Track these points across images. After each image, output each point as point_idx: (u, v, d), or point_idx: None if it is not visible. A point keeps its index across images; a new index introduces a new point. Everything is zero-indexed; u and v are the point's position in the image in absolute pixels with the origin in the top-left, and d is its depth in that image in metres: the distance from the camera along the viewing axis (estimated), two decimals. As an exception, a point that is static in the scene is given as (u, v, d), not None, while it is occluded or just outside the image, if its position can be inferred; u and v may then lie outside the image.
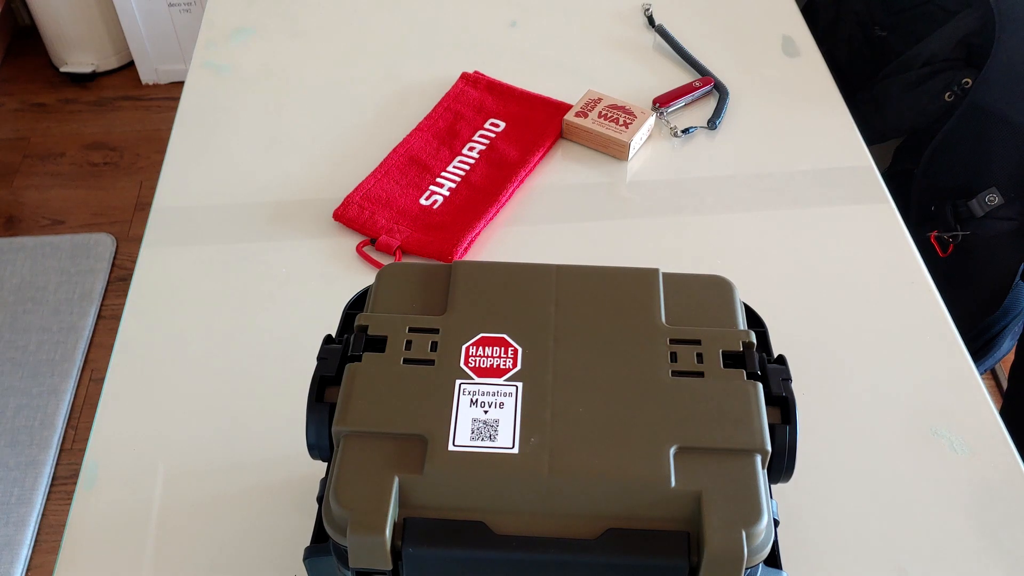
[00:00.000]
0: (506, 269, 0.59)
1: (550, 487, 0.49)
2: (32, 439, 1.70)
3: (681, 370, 0.54)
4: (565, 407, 0.51)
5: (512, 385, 0.52)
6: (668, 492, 0.48)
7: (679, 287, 0.59)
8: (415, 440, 0.50)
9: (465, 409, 0.51)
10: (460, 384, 0.52)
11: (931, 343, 0.81)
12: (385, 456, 0.49)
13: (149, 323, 0.83)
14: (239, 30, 1.13)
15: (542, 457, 0.49)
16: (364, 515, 0.47)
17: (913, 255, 0.88)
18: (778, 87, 1.05)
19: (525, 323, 0.56)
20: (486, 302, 0.57)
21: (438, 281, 0.58)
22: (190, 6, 2.26)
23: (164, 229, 0.91)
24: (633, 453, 0.50)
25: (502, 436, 0.50)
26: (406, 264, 0.61)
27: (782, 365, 0.56)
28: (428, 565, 0.49)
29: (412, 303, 0.57)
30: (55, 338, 1.86)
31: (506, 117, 1.00)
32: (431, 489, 0.49)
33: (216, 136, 1.00)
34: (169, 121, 1.03)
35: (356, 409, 0.51)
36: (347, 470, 0.49)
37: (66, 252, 2.02)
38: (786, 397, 0.53)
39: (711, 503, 0.48)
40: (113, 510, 0.70)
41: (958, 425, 0.75)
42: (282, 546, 0.68)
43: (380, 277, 0.59)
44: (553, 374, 0.53)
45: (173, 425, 0.75)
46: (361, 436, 0.50)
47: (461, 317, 0.56)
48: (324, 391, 0.54)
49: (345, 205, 0.90)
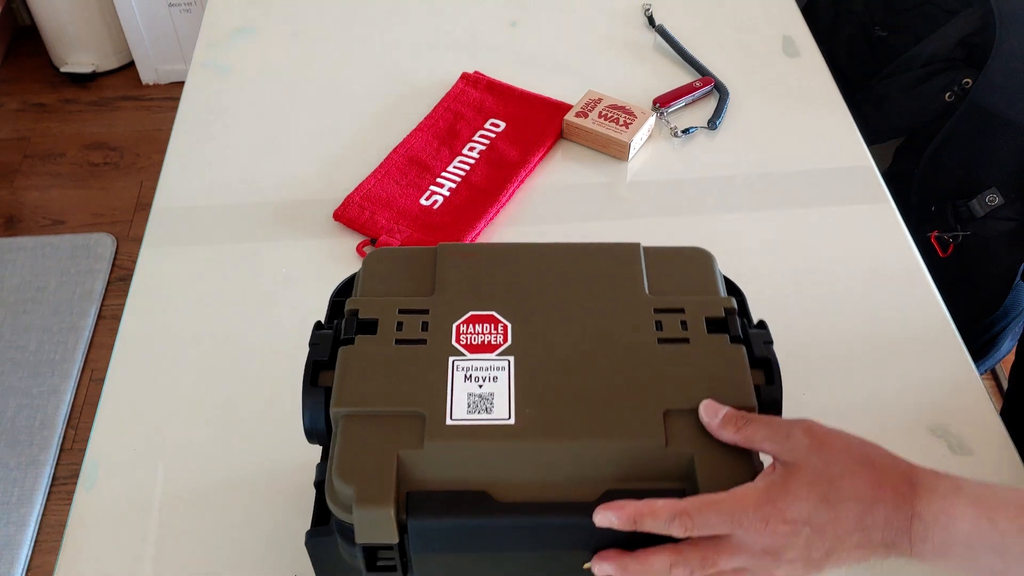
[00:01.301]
0: (490, 249, 0.61)
1: (548, 454, 0.50)
2: (32, 439, 1.70)
3: (667, 337, 0.55)
4: (557, 378, 0.53)
5: (504, 359, 0.54)
6: (662, 453, 0.50)
7: (660, 259, 0.60)
8: (413, 417, 0.51)
9: (460, 384, 0.52)
10: (453, 361, 0.53)
11: (931, 343, 0.81)
12: (385, 433, 0.50)
13: (149, 323, 0.82)
14: (239, 30, 1.13)
15: (538, 426, 0.51)
16: (369, 489, 0.48)
17: (913, 255, 0.88)
18: (778, 87, 1.05)
19: (513, 300, 0.57)
20: (473, 282, 0.58)
21: (424, 264, 0.60)
22: (190, 6, 2.26)
23: (164, 229, 0.91)
24: (626, 418, 0.51)
25: (498, 408, 0.51)
26: (392, 249, 0.62)
27: (763, 329, 0.57)
28: (433, 536, 0.50)
29: (400, 286, 0.58)
30: (55, 338, 1.86)
31: (506, 117, 1.00)
32: (432, 463, 0.50)
33: (216, 136, 1.00)
34: (169, 121, 1.03)
35: (353, 390, 0.52)
36: (348, 448, 0.50)
37: (66, 252, 2.02)
38: (769, 359, 0.55)
39: (704, 461, 0.50)
40: (113, 510, 0.70)
41: (958, 425, 0.75)
42: (282, 546, 0.68)
43: (367, 263, 0.60)
44: (543, 347, 0.55)
45: (173, 425, 0.75)
46: (359, 416, 0.51)
47: (449, 297, 0.57)
48: (318, 375, 0.54)
49: (345, 205, 0.90)
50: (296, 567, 0.67)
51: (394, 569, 0.51)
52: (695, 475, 0.49)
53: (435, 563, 0.52)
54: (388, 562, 0.51)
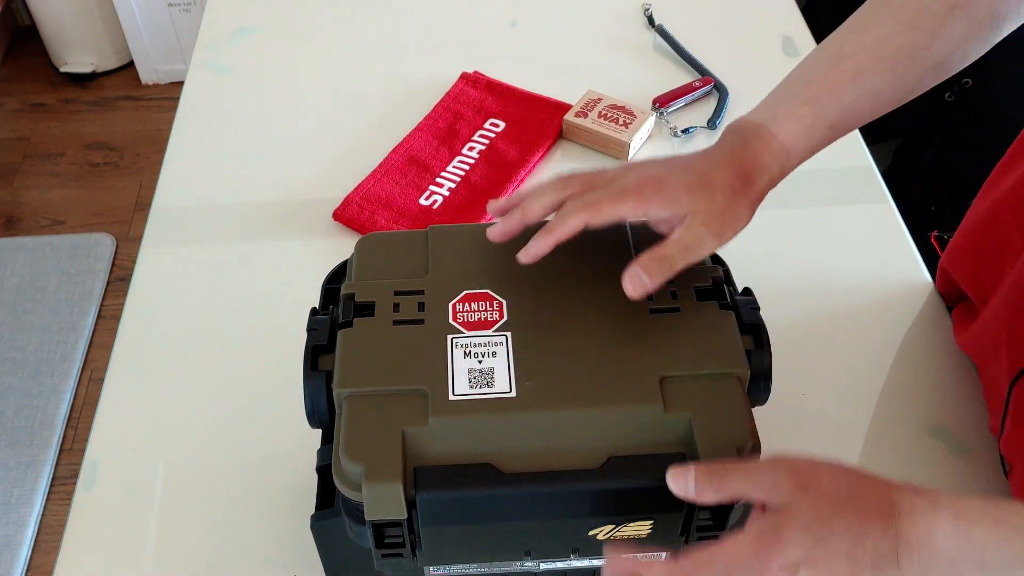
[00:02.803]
0: (480, 229, 0.61)
1: (549, 424, 0.51)
2: (32, 439, 1.71)
3: (658, 307, 0.57)
4: (554, 350, 0.54)
5: (502, 335, 0.55)
6: (661, 418, 0.51)
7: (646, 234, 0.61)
8: (415, 395, 0.52)
9: (460, 361, 0.53)
10: (452, 339, 0.55)
11: (931, 343, 0.81)
12: (389, 411, 0.51)
13: (149, 323, 0.83)
14: (239, 30, 1.13)
15: (539, 397, 0.52)
16: (377, 466, 0.49)
17: (913, 255, 0.88)
18: (778, 87, 1.05)
19: (505, 277, 0.58)
20: (465, 261, 0.59)
21: (416, 247, 0.61)
22: (190, 6, 2.26)
23: (164, 229, 0.91)
24: (624, 385, 0.53)
25: (499, 382, 0.53)
26: (383, 233, 0.63)
27: (749, 296, 0.59)
28: (441, 509, 0.51)
29: (393, 269, 0.59)
30: (55, 338, 1.86)
31: (506, 117, 1.00)
32: (437, 438, 0.51)
33: (216, 136, 1.00)
34: (169, 121, 1.03)
35: (355, 371, 0.53)
36: (354, 428, 0.51)
37: (66, 252, 2.02)
38: (758, 324, 0.57)
39: (701, 424, 0.51)
40: (113, 510, 0.70)
41: (957, 426, 0.75)
42: (281, 545, 0.68)
43: (359, 247, 0.61)
44: (538, 322, 0.56)
45: (173, 425, 0.75)
46: (363, 396, 0.52)
47: (443, 277, 0.58)
48: (318, 359, 0.55)
49: (345, 205, 0.90)
50: (296, 567, 0.67)
51: (402, 545, 0.51)
52: (694, 438, 0.51)
53: (443, 537, 0.53)
54: (396, 539, 0.51)
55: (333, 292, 0.60)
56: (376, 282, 0.58)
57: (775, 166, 0.59)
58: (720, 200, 0.56)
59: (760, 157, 0.58)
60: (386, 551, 0.52)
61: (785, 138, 0.58)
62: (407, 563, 0.53)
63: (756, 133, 0.59)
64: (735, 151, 0.58)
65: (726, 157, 0.58)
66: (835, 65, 0.59)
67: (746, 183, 0.57)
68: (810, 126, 0.59)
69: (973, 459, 0.73)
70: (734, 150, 0.58)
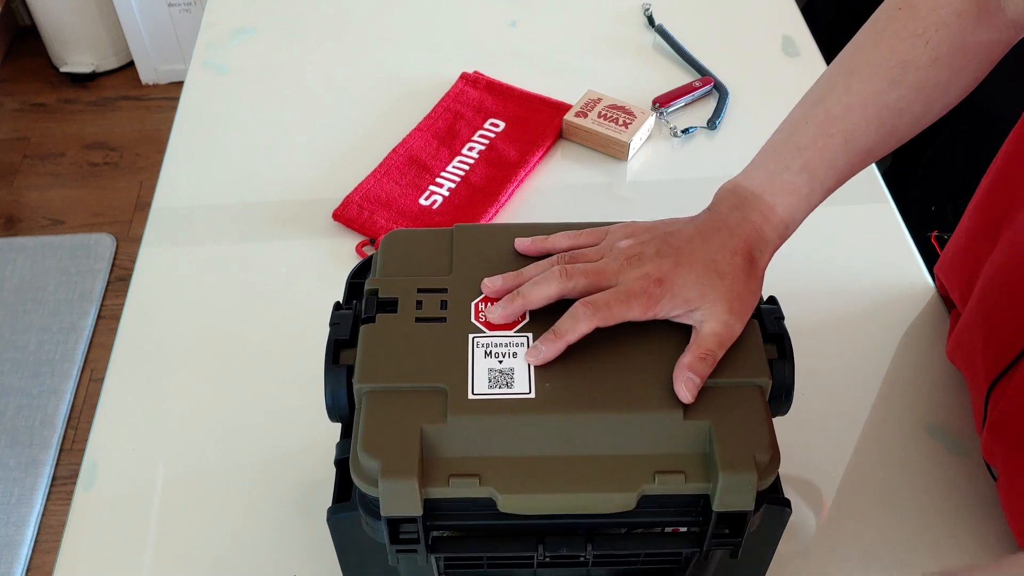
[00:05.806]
0: (505, 229, 0.62)
1: (567, 426, 0.51)
2: (32, 439, 1.71)
3: None
4: (574, 354, 0.54)
5: (523, 336, 0.55)
6: (680, 425, 0.51)
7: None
8: (435, 392, 0.52)
9: (480, 360, 0.53)
10: (473, 338, 0.55)
11: (930, 343, 0.81)
12: (408, 408, 0.51)
13: (149, 323, 0.83)
14: (239, 30, 1.13)
15: (558, 400, 0.52)
16: (394, 461, 0.49)
17: (913, 255, 0.88)
18: (778, 87, 1.05)
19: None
20: (489, 261, 0.59)
21: (440, 245, 0.61)
22: (190, 6, 2.26)
23: (164, 229, 0.91)
24: (643, 391, 0.52)
25: (518, 383, 0.52)
26: (408, 230, 0.63)
27: (774, 305, 0.59)
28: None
29: (417, 267, 0.59)
30: (55, 338, 1.86)
31: (506, 117, 1.00)
32: (455, 436, 0.51)
33: (216, 136, 1.00)
34: (169, 121, 1.03)
35: (376, 366, 0.53)
36: (373, 423, 0.51)
37: (66, 252, 2.02)
38: (781, 334, 0.57)
39: (720, 433, 0.51)
40: (113, 510, 0.70)
41: (955, 426, 0.75)
42: (282, 545, 0.68)
43: (384, 244, 0.61)
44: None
45: (173, 425, 0.75)
46: (383, 392, 0.52)
47: (467, 276, 0.58)
48: (339, 354, 0.55)
49: (345, 205, 0.90)
50: (296, 567, 0.67)
51: (417, 541, 0.52)
52: (713, 445, 0.50)
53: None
54: (411, 535, 0.52)
55: (357, 287, 0.60)
56: (400, 279, 0.58)
57: (776, 240, 0.59)
58: (735, 285, 0.55)
59: (762, 232, 0.58)
60: (401, 547, 0.52)
61: (784, 211, 0.58)
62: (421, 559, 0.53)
63: (755, 206, 0.58)
64: (735, 228, 0.57)
65: (729, 237, 0.57)
66: (824, 130, 0.59)
67: (752, 263, 0.57)
68: (807, 195, 0.59)
69: (972, 459, 0.73)
70: (733, 226, 0.57)
